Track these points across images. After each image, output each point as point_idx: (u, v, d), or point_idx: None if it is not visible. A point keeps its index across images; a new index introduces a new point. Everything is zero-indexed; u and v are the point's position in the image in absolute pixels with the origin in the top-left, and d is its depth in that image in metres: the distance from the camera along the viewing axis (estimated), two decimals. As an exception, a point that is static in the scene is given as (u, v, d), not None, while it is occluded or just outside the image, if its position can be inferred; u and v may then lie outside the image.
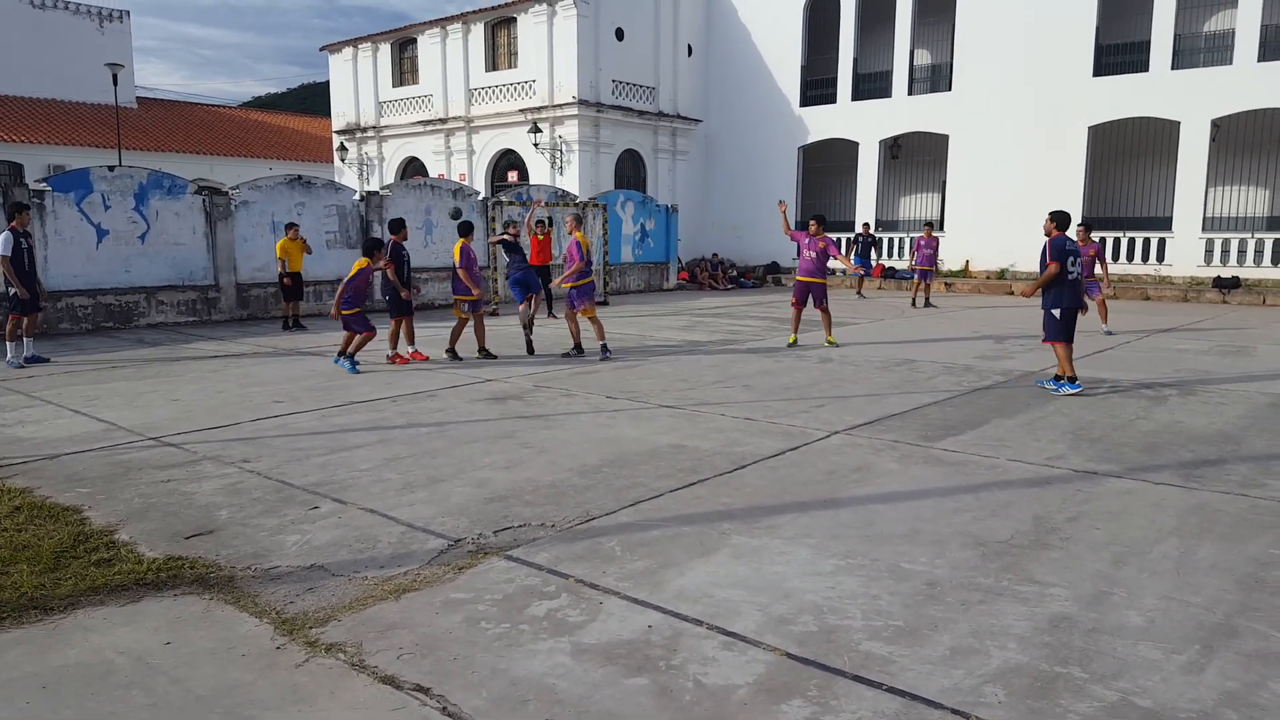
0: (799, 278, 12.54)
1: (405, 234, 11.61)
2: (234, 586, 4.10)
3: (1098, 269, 13.77)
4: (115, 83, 30.01)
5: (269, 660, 3.40)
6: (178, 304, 15.76)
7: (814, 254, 12.30)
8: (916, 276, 18.95)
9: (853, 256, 21.69)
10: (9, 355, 10.81)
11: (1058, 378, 8.88)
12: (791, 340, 12.57)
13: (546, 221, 10.84)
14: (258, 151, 38.91)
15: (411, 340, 11.34)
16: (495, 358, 11.34)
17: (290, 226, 15.13)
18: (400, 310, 11.16)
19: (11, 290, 10.76)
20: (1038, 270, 9.51)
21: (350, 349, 10.49)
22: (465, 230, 11.47)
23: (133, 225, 15.17)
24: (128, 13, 37.51)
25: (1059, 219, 8.78)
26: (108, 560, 4.38)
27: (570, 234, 11.45)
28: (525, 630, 3.63)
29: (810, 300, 12.36)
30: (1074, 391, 8.65)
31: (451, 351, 11.33)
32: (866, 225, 22.29)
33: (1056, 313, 8.78)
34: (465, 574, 4.22)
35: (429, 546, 4.58)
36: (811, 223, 12.41)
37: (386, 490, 5.57)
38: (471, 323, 11.51)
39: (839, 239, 24.63)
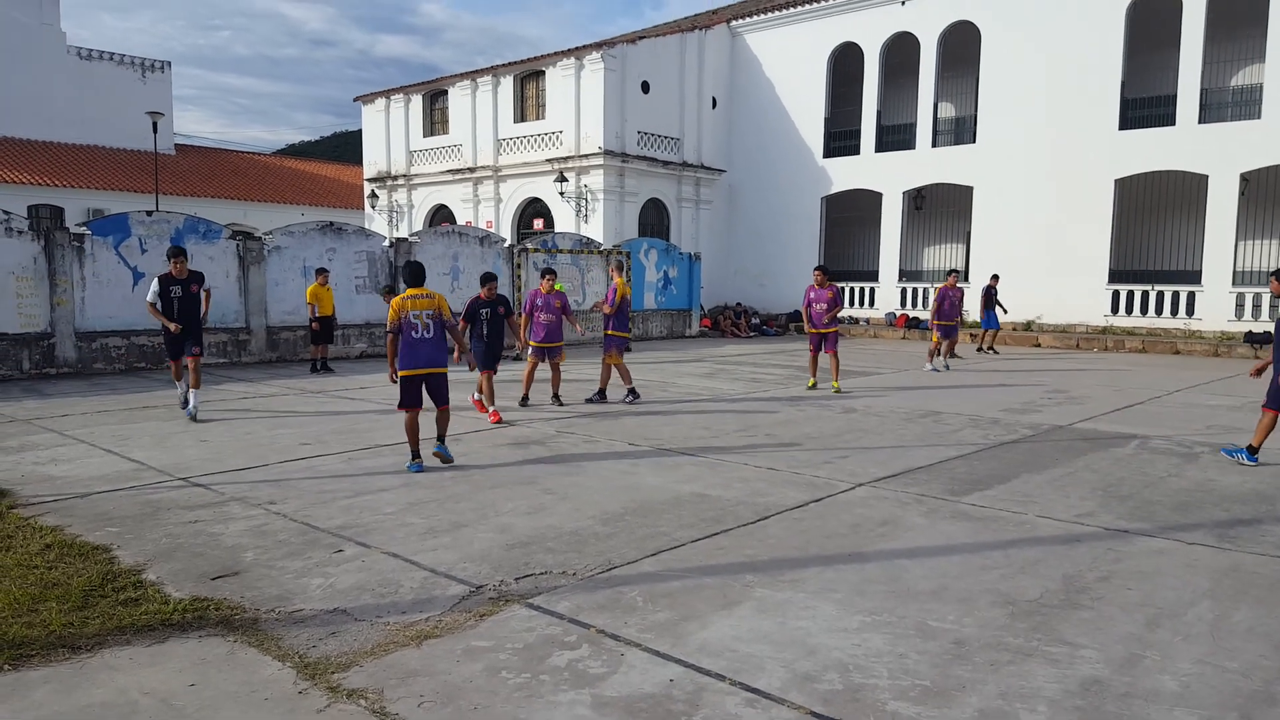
0: (809, 329, 13.12)
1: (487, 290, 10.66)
2: (258, 629, 4.11)
3: None
4: (155, 130, 30.87)
5: (291, 705, 3.40)
6: (209, 345, 15.99)
7: (824, 305, 12.84)
8: (939, 333, 16.52)
9: (982, 312, 20.45)
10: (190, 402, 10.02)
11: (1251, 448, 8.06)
12: (811, 384, 13.28)
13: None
14: (291, 198, 39.71)
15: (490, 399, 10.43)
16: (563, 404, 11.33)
17: (320, 272, 15.38)
18: (485, 364, 10.46)
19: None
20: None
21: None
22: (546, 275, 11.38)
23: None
24: (169, 63, 38.71)
25: None
26: (135, 600, 4.41)
27: (612, 279, 12.06)
28: (546, 681, 3.60)
29: (822, 346, 13.02)
30: (1250, 464, 8.00)
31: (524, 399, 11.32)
32: (995, 276, 20.94)
33: None
34: (486, 621, 4.20)
35: (451, 592, 4.58)
36: (816, 273, 12.91)
37: (410, 535, 5.58)
38: (545, 369, 11.48)
39: (845, 288, 24.53)
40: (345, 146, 64.44)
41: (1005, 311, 21.03)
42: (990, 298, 20.50)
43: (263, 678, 3.62)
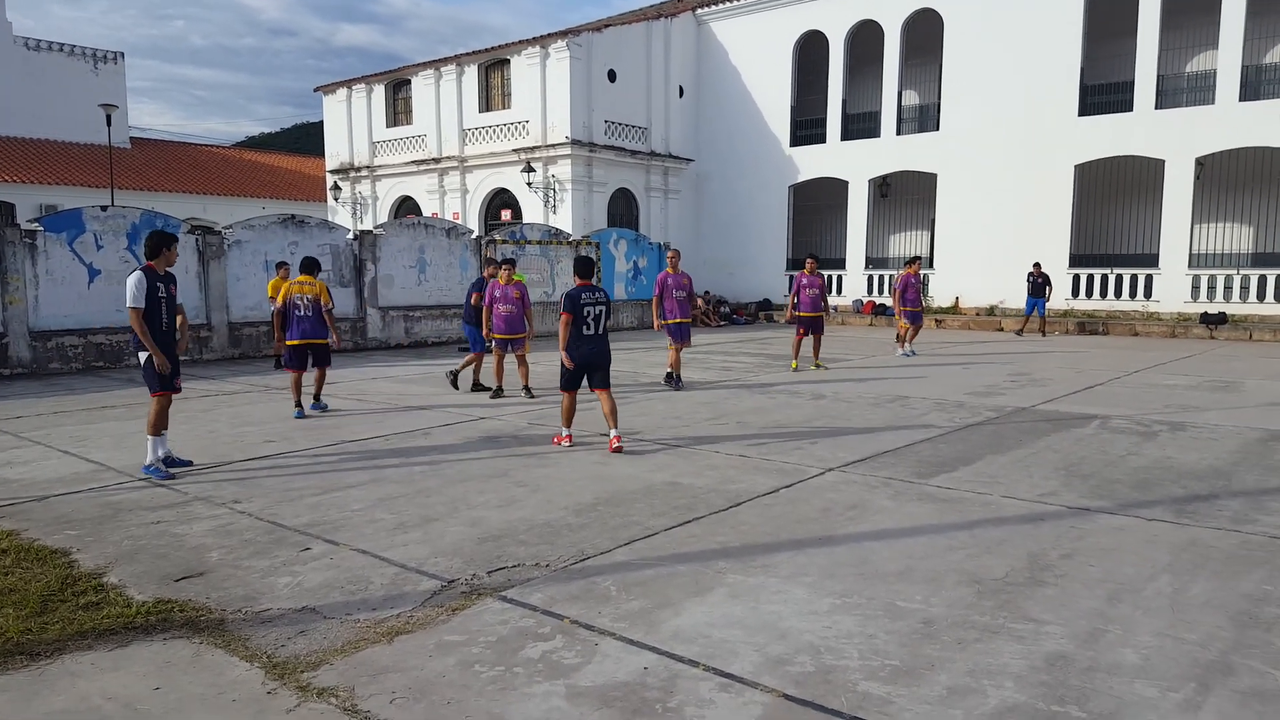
0: (800, 314, 13.75)
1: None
2: (224, 630, 4.06)
3: None
4: (109, 123, 30.21)
5: (260, 705, 3.36)
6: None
7: (816, 290, 13.65)
8: (906, 319, 16.68)
9: (1027, 297, 21.18)
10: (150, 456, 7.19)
11: None
12: (794, 367, 13.81)
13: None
14: (251, 191, 39.10)
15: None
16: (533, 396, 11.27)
17: (282, 265, 15.17)
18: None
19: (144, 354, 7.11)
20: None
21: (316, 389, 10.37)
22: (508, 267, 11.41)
23: (125, 265, 15.17)
24: (122, 54, 37.88)
25: None
26: (96, 604, 4.33)
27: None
28: (520, 673, 3.59)
29: (809, 331, 13.74)
30: None
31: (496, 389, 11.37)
32: (1038, 264, 21.46)
33: None
34: (459, 616, 4.18)
35: (422, 588, 4.55)
36: (809, 262, 13.48)
37: (379, 530, 5.54)
38: (504, 361, 11.47)
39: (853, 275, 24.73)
40: (307, 138, 63.60)
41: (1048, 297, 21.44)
42: (1038, 285, 20.95)
43: (230, 679, 3.58)
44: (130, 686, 3.53)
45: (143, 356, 7.07)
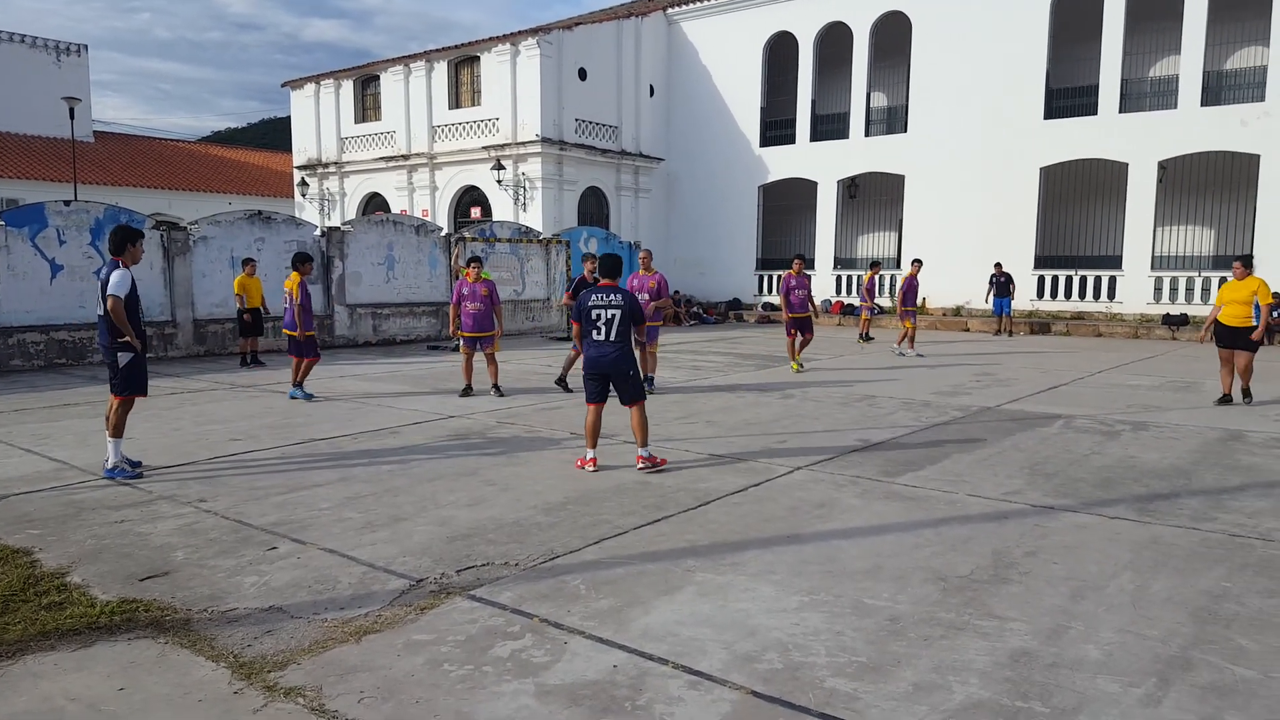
0: (789, 314, 13.76)
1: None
2: (190, 629, 4.01)
3: None
4: (72, 116, 29.66)
5: (226, 706, 3.32)
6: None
7: (804, 291, 13.67)
8: (909, 318, 16.95)
9: (991, 297, 21.82)
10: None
11: None
12: (795, 368, 13.75)
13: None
14: (217, 186, 38.57)
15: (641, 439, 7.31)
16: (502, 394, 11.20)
17: (248, 262, 15.00)
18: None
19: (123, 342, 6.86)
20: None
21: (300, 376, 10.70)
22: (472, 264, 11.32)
23: (88, 260, 14.92)
24: (85, 46, 37.17)
25: None
26: (59, 604, 4.26)
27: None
28: (489, 672, 3.59)
29: (799, 331, 13.71)
30: None
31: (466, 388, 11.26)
32: (999, 264, 22.06)
33: None
34: (427, 615, 4.17)
35: (390, 587, 4.52)
36: (796, 262, 13.61)
37: (347, 529, 5.50)
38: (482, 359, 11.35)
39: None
40: (274, 133, 62.84)
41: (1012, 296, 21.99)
42: (1002, 284, 21.50)
43: (196, 679, 3.54)
44: (94, 687, 3.48)
45: (124, 358, 6.79)
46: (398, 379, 13.15)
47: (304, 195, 31.85)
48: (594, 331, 7.07)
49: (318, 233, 18.60)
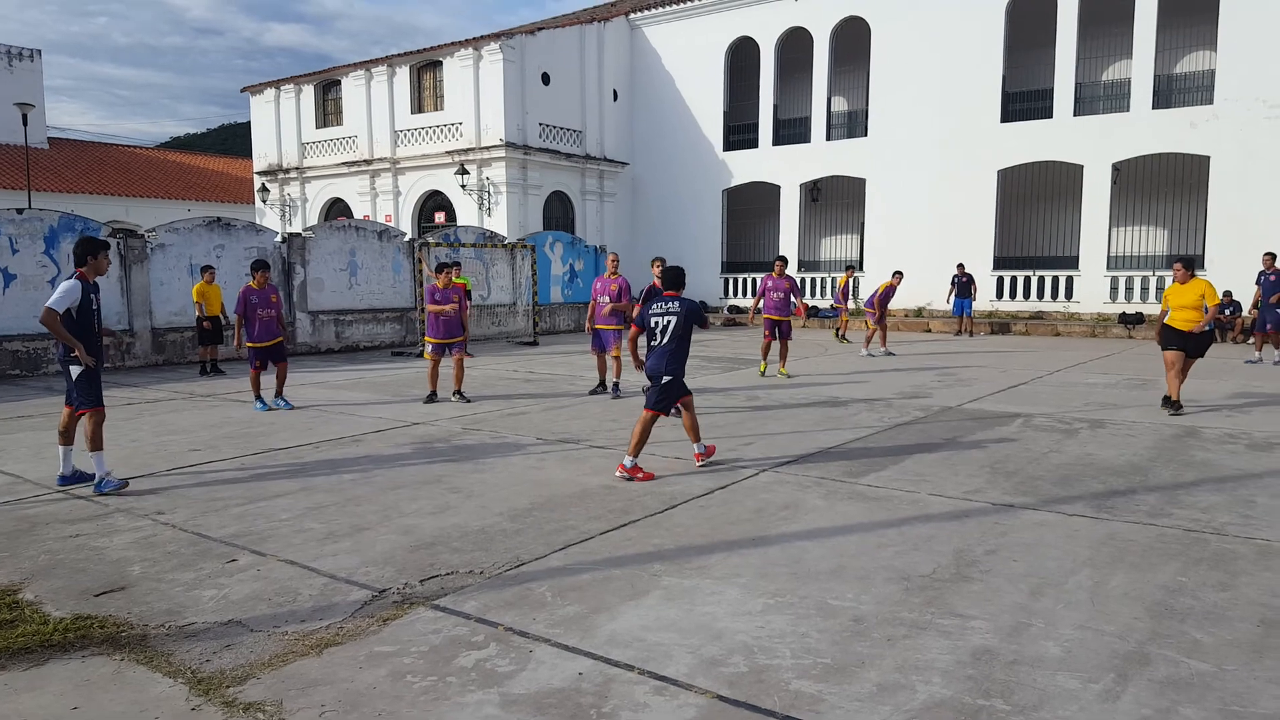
0: (766, 315, 13.36)
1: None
2: (146, 646, 3.93)
3: None
4: (25, 122, 29.00)
5: (183, 723, 3.26)
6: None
7: (780, 294, 13.23)
8: (878, 322, 17.50)
9: (952, 297, 22.15)
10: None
11: None
12: (762, 369, 13.55)
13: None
14: (176, 193, 37.93)
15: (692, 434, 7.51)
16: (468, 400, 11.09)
17: (206, 269, 14.77)
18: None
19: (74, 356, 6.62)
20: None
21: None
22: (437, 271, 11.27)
23: (42, 269, 14.62)
24: (39, 51, 36.43)
25: None
26: (10, 621, 4.15)
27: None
28: (453, 682, 3.55)
29: (777, 333, 13.31)
30: None
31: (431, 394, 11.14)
32: (961, 265, 22.38)
33: None
34: (390, 626, 4.12)
35: (352, 598, 4.47)
36: (777, 263, 13.43)
37: (308, 540, 5.42)
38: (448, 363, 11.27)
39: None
40: (234, 139, 62.06)
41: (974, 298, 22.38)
42: (963, 285, 21.85)
43: (152, 696, 3.47)
44: (47, 707, 3.39)
45: (75, 370, 6.56)
46: (361, 386, 13.02)
47: (265, 201, 31.45)
48: (652, 339, 7.21)
49: (278, 239, 18.37)
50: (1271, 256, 15.36)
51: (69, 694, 3.49)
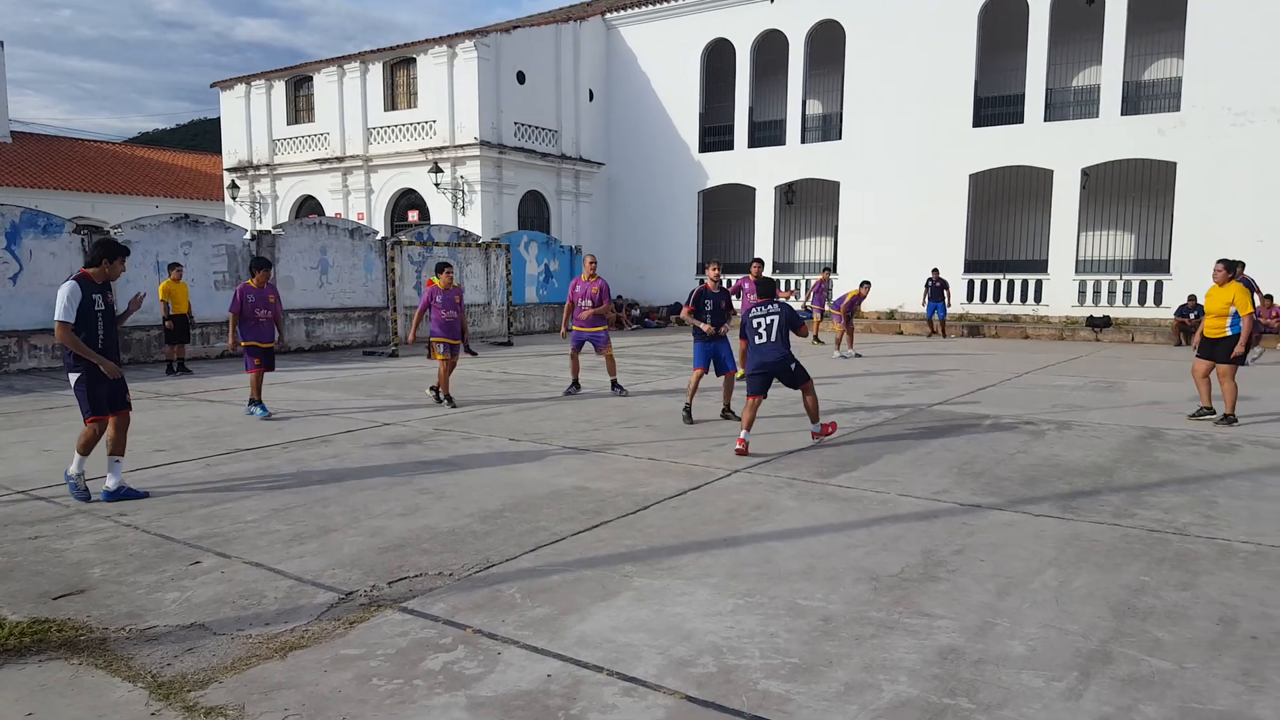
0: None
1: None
2: (106, 649, 3.86)
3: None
4: (-14, 115, 28.49)
5: (142, 728, 3.20)
6: (52, 348, 14.90)
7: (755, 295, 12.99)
8: (846, 325, 17.79)
9: (926, 300, 22.40)
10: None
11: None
12: (740, 375, 12.98)
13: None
14: (143, 189, 37.38)
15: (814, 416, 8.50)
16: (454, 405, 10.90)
17: (174, 266, 14.57)
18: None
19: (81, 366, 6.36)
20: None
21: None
22: (436, 271, 11.10)
23: (3, 266, 14.35)
24: (1, 43, 35.76)
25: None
26: (-37, 627, 4.06)
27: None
28: (419, 685, 3.52)
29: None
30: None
31: (436, 392, 10.97)
32: (936, 270, 22.69)
33: None
34: (357, 629, 4.08)
35: (318, 601, 4.42)
36: (754, 265, 13.38)
37: (274, 542, 5.35)
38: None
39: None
40: (203, 135, 61.30)
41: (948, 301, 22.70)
42: (936, 289, 22.12)
43: (110, 701, 3.40)
44: (1, 713, 3.32)
45: (72, 378, 6.32)
46: (331, 386, 12.90)
47: (234, 198, 31.09)
48: (755, 336, 8.26)
49: (247, 236, 18.16)
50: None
51: (24, 699, 3.42)
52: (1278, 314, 18.17)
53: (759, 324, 8.26)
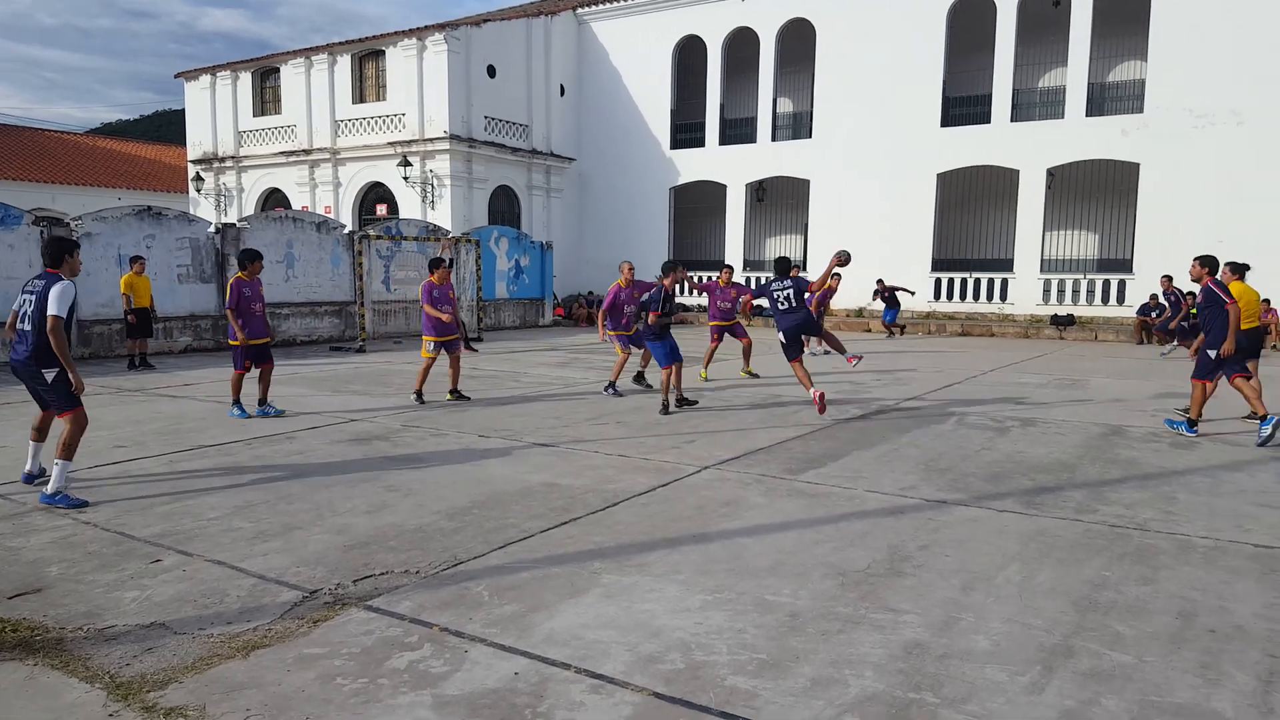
0: (714, 322, 13.41)
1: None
2: (63, 649, 3.78)
3: None
4: (-59, 103, 27.81)
5: (99, 730, 3.14)
6: (8, 343, 14.58)
7: (728, 303, 13.36)
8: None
9: (884, 310, 22.41)
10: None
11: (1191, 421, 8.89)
12: (703, 376, 12.91)
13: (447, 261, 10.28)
14: (105, 181, 36.70)
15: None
16: (469, 399, 10.79)
17: (136, 260, 14.32)
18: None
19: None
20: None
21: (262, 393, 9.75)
22: (433, 266, 10.86)
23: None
24: (-43, 29, 34.91)
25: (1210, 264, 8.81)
26: (-87, 627, 3.96)
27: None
28: (384, 685, 3.48)
29: (725, 337, 13.47)
30: (1191, 435, 8.78)
31: (419, 394, 10.63)
32: (880, 280, 22.79)
33: (1212, 353, 8.69)
34: (321, 627, 4.03)
35: (282, 599, 4.36)
36: (724, 272, 13.50)
37: (237, 540, 5.28)
38: (447, 362, 10.89)
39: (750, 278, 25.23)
40: (168, 126, 60.26)
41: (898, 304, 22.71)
42: (886, 299, 22.20)
43: (67, 702, 3.33)
44: (-50, 717, 3.24)
45: (49, 374, 6.19)
46: (297, 381, 12.74)
47: (199, 191, 30.61)
48: (780, 305, 9.88)
49: (212, 229, 17.88)
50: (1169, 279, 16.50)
51: (-23, 701, 3.34)
52: (1275, 318, 18.44)
53: (780, 296, 9.84)
